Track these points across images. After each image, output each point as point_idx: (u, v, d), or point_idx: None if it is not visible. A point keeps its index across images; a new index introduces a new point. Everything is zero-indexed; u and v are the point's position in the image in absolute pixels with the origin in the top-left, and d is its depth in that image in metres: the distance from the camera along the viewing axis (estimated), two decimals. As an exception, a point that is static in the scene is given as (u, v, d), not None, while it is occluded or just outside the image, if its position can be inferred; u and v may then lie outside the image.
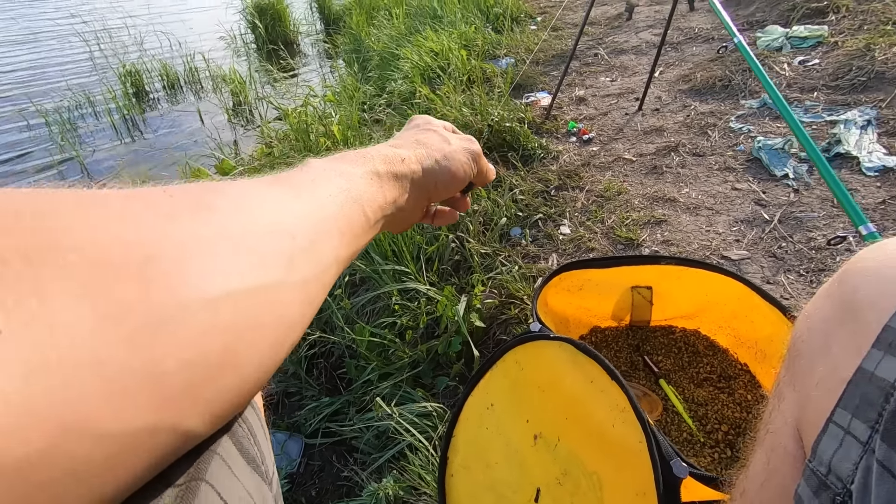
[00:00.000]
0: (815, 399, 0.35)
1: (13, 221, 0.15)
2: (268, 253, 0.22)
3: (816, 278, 1.21)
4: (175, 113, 4.30)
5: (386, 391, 1.32)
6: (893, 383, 0.29)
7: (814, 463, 0.34)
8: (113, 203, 0.18)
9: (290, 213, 0.25)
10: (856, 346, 0.32)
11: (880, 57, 1.91)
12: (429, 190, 0.40)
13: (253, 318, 0.20)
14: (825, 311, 0.38)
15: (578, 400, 0.76)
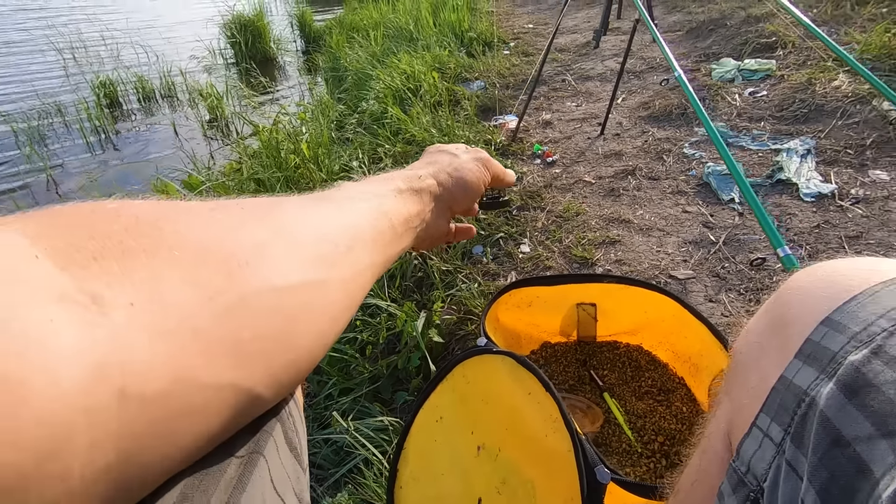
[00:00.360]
0: (746, 406, 0.38)
1: (135, 224, 0.20)
2: (316, 256, 0.27)
3: (755, 297, 1.28)
4: (149, 126, 4.27)
5: (345, 406, 1.34)
6: (806, 390, 0.31)
7: (736, 462, 0.36)
8: (202, 212, 0.24)
9: (333, 224, 0.31)
10: (783, 357, 0.35)
11: (820, 91, 2.05)
12: (448, 200, 0.46)
13: (306, 306, 0.25)
14: (761, 325, 0.40)
15: (518, 411, 0.80)
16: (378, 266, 0.34)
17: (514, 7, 5.17)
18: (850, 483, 0.26)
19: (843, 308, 0.32)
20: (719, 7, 3.29)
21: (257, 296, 0.23)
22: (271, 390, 0.24)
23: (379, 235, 0.34)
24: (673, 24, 3.50)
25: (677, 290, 1.34)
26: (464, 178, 0.46)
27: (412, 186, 0.42)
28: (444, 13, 4.14)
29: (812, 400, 0.30)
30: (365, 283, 0.32)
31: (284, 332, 0.24)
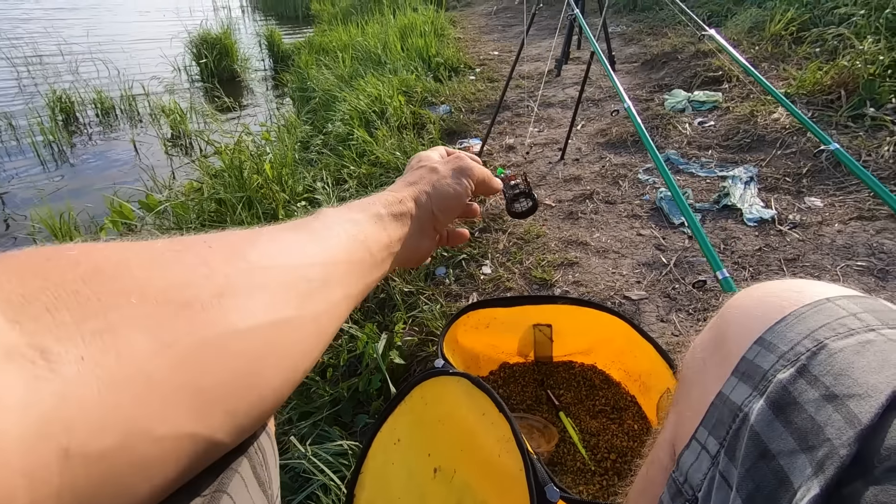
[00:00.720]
0: (688, 419, 0.40)
1: (93, 272, 0.20)
2: (286, 294, 0.27)
3: (702, 316, 1.34)
4: (107, 143, 4.15)
5: (304, 430, 1.31)
6: (740, 406, 0.32)
7: (676, 473, 0.38)
8: (167, 255, 0.24)
9: (306, 258, 0.30)
10: (722, 373, 0.36)
11: (761, 122, 2.19)
12: (430, 219, 0.45)
13: (273, 347, 0.25)
14: (705, 341, 0.42)
15: (472, 432, 0.81)
16: (355, 296, 0.35)
17: (481, 34, 5.33)
18: (772, 493, 0.28)
19: (773, 328, 0.34)
20: (671, 41, 3.49)
21: (219, 340, 0.22)
22: (233, 435, 0.24)
23: (357, 265, 0.34)
24: (630, 56, 3.69)
25: (631, 310, 1.40)
26: (443, 195, 0.46)
27: (392, 211, 0.41)
28: (412, 38, 4.23)
29: (745, 415, 0.32)
30: (340, 314, 0.32)
31: (248, 375, 0.24)
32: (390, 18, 5.19)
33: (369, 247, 0.37)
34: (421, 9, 5.55)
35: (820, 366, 0.30)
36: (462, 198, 0.47)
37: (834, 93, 2.19)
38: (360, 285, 0.35)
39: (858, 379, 0.28)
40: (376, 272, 0.38)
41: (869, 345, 0.29)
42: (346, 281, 0.33)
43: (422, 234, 0.45)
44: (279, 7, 10.41)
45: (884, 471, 0.25)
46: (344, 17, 6.61)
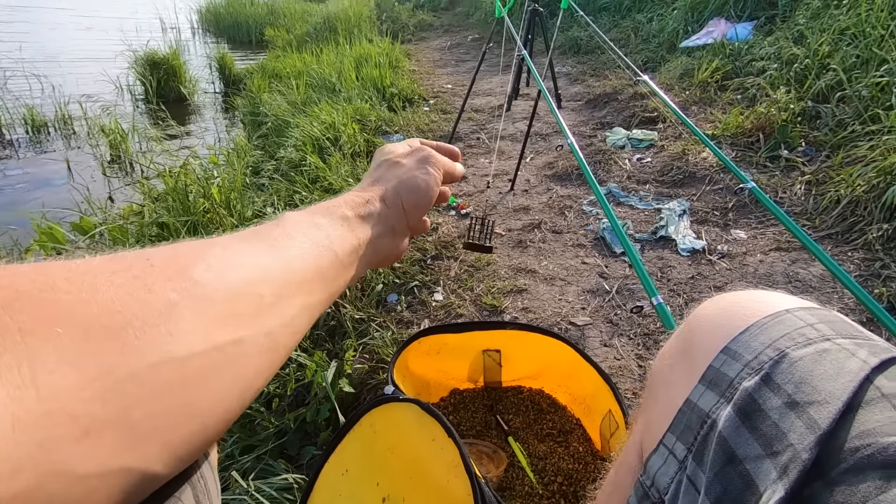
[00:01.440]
0: (655, 423, 0.40)
1: (14, 297, 0.18)
2: (234, 312, 0.25)
3: (642, 341, 1.41)
4: (38, 163, 3.90)
5: (247, 465, 1.26)
6: (708, 412, 0.33)
7: (643, 476, 0.39)
8: (101, 276, 0.21)
9: (259, 270, 0.29)
10: (689, 380, 0.37)
11: (692, 160, 2.38)
12: (401, 217, 0.43)
13: (216, 372, 0.24)
14: (673, 349, 0.43)
15: (422, 459, 0.81)
16: (318, 304, 0.33)
17: (435, 67, 5.49)
18: (739, 496, 0.30)
19: (738, 338, 0.35)
20: (612, 83, 3.74)
21: (153, 370, 0.21)
22: (172, 466, 0.22)
23: (321, 272, 0.33)
24: (575, 95, 3.91)
25: (577, 335, 1.45)
26: (412, 190, 0.43)
27: (359, 213, 0.40)
28: (367, 68, 4.30)
29: (713, 422, 0.33)
30: (300, 325, 0.31)
31: (187, 404, 0.22)
32: (346, 48, 5.26)
33: (335, 251, 0.35)
34: (376, 40, 5.67)
35: (782, 374, 0.32)
36: (431, 189, 0.44)
37: (753, 135, 2.41)
38: (325, 292, 0.34)
39: (817, 386, 0.30)
40: (344, 276, 0.37)
41: (825, 353, 0.31)
42: (308, 290, 0.32)
43: (393, 232, 0.43)
44: (232, 31, 10.30)
45: (840, 472, 0.26)
46: (299, 45, 6.63)
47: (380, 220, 0.41)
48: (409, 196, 0.43)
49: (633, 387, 1.28)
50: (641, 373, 1.32)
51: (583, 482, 0.99)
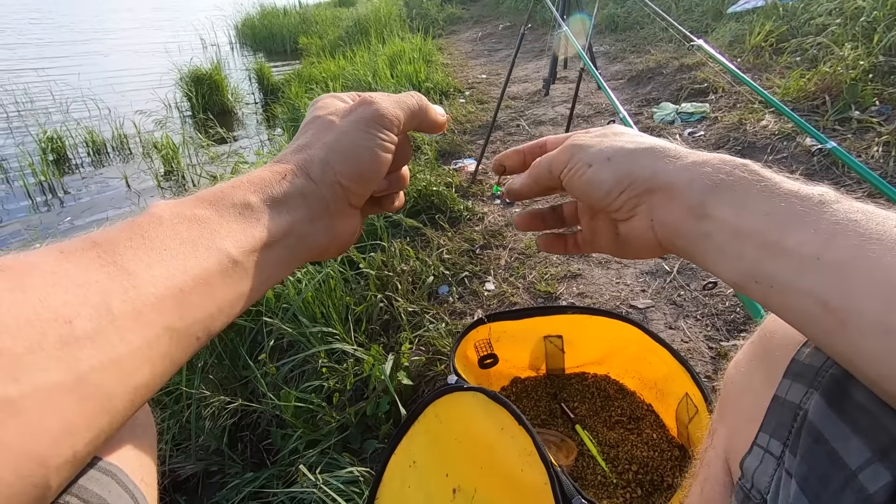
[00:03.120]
0: (743, 429, 0.40)
1: None
2: (14, 351, 0.19)
3: (711, 322, 1.33)
4: (100, 180, 4.15)
5: (313, 459, 1.27)
6: (799, 404, 0.33)
7: (742, 480, 0.38)
8: None
9: (74, 290, 0.22)
10: (772, 378, 0.37)
11: (750, 130, 2.23)
12: (337, 195, 0.34)
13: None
14: (748, 356, 0.43)
15: (492, 448, 0.78)
16: (198, 324, 0.26)
17: (468, 59, 5.44)
18: (825, 474, 0.28)
19: None
20: (655, 58, 3.58)
21: None
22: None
23: (200, 282, 0.26)
24: (615, 73, 3.77)
25: (638, 319, 1.38)
26: (347, 159, 0.34)
27: (270, 194, 0.31)
28: (401, 65, 4.31)
29: (805, 412, 0.32)
30: (158, 356, 0.24)
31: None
32: (378, 47, 5.30)
33: (227, 251, 0.28)
34: (408, 37, 5.68)
35: None
36: (377, 155, 0.34)
37: (818, 98, 2.24)
38: (211, 306, 0.27)
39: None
40: (247, 282, 0.29)
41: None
42: (171, 307, 0.25)
43: (328, 214, 0.34)
44: (268, 42, 10.60)
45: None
46: (332, 49, 6.74)
47: (305, 201, 0.33)
48: (344, 167, 0.34)
49: (704, 370, 1.21)
50: (713, 355, 1.24)
51: (659, 470, 0.93)
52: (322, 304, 1.53)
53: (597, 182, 0.35)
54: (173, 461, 1.50)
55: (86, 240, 0.25)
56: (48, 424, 0.19)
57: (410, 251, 1.77)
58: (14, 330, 0.19)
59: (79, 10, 20.35)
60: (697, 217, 0.31)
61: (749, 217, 0.29)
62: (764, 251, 0.28)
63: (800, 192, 0.29)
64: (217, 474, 1.52)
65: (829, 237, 0.26)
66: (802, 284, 0.27)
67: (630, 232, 0.37)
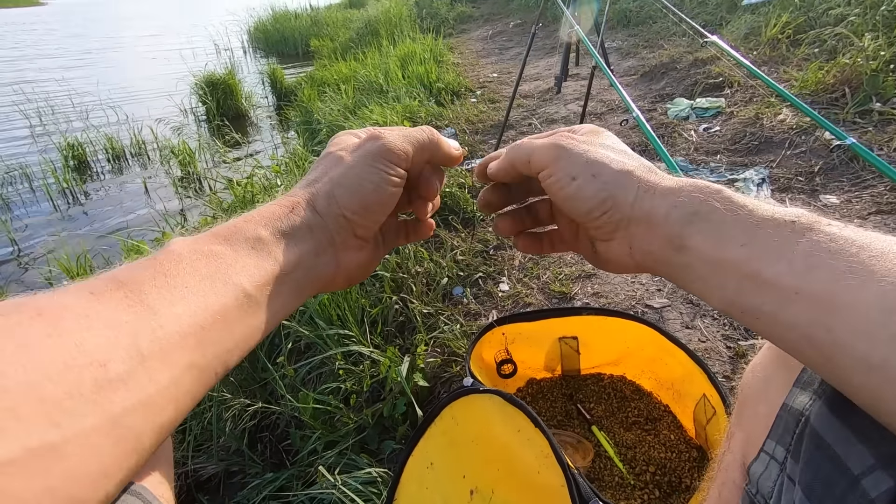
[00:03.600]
0: (756, 435, 0.40)
1: None
2: (55, 397, 0.20)
3: (728, 321, 1.32)
4: (119, 185, 4.24)
5: (331, 460, 1.29)
6: (802, 411, 0.33)
7: (748, 486, 0.38)
8: None
9: (107, 332, 0.23)
10: (787, 386, 0.37)
11: (767, 124, 2.20)
12: (342, 227, 0.35)
13: (21, 489, 0.18)
14: (766, 360, 0.43)
15: (508, 450, 0.79)
16: (217, 359, 0.27)
17: (479, 58, 5.43)
18: (828, 478, 0.28)
19: None
20: (668, 52, 3.54)
21: None
22: None
23: (218, 317, 0.27)
24: (628, 69, 3.73)
25: (654, 318, 1.37)
26: (352, 193, 0.35)
27: (279, 228, 0.32)
28: (412, 66, 4.32)
29: (807, 419, 0.32)
30: (182, 393, 0.25)
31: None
32: (389, 49, 5.32)
33: (242, 286, 0.29)
34: (419, 37, 5.69)
35: None
36: (383, 189, 0.35)
37: (838, 90, 2.19)
38: (229, 341, 0.28)
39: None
40: (259, 316, 0.30)
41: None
42: (195, 344, 0.26)
43: (332, 247, 0.35)
44: (280, 46, 10.70)
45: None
46: (343, 51, 6.78)
47: (311, 234, 0.34)
48: (349, 200, 0.34)
49: (722, 370, 1.20)
50: (731, 355, 1.23)
51: (677, 471, 0.93)
52: (338, 307, 1.55)
53: (579, 199, 0.34)
54: (196, 461, 1.54)
55: (112, 279, 0.26)
56: (88, 469, 0.20)
57: (424, 253, 1.78)
58: (54, 376, 0.20)
59: (92, 20, 20.77)
60: (676, 248, 0.32)
61: (726, 248, 0.29)
62: (745, 283, 0.28)
63: (773, 220, 0.29)
64: (238, 474, 1.55)
65: (804, 270, 0.26)
66: (786, 317, 0.27)
67: (608, 252, 0.37)
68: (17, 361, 0.20)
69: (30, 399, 0.19)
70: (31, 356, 0.20)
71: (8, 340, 0.20)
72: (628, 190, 0.33)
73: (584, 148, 0.35)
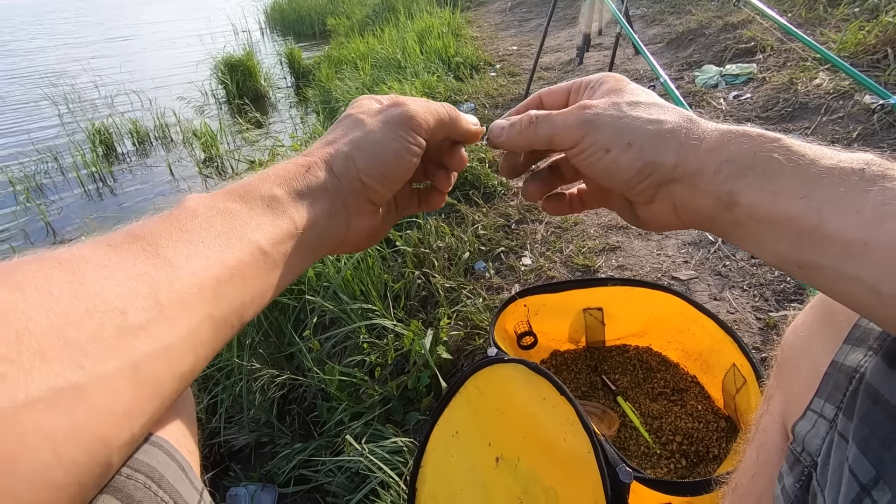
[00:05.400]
0: (798, 395, 0.39)
1: None
2: (78, 341, 0.20)
3: (758, 292, 1.28)
4: (145, 169, 4.33)
5: (357, 431, 1.32)
6: (856, 368, 0.32)
7: (793, 444, 0.38)
8: None
9: (126, 282, 0.23)
10: (832, 345, 0.36)
11: (802, 90, 2.10)
12: (357, 191, 0.35)
13: (50, 426, 0.19)
14: (809, 320, 0.42)
15: (534, 418, 0.79)
16: (234, 313, 0.28)
17: (497, 31, 5.31)
18: (887, 435, 0.27)
19: None
20: (696, 17, 3.39)
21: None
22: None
23: (234, 272, 0.27)
24: (653, 37, 3.60)
25: (682, 290, 1.35)
26: (370, 157, 0.34)
27: (295, 187, 0.32)
28: (430, 41, 4.25)
29: (862, 376, 0.31)
30: (197, 342, 0.25)
31: (25, 463, 0.18)
32: (407, 24, 5.23)
33: (258, 243, 0.29)
34: (436, 12, 5.58)
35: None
36: (403, 157, 0.35)
37: (879, 52, 2.08)
38: (245, 295, 0.28)
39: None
40: (275, 273, 0.30)
41: None
42: (212, 296, 0.26)
43: (346, 210, 0.35)
44: (297, 26, 10.64)
45: None
46: (360, 29, 6.70)
47: (326, 194, 0.33)
48: (367, 164, 0.34)
49: (752, 341, 1.17)
50: (761, 326, 1.20)
51: (705, 441, 0.92)
52: (361, 282, 1.57)
53: (616, 170, 0.32)
54: (227, 432, 1.59)
55: (129, 233, 0.26)
56: (111, 408, 0.21)
57: (446, 228, 1.78)
58: (76, 321, 0.21)
59: (110, 7, 20.94)
60: (726, 206, 0.30)
61: (783, 202, 0.27)
62: (803, 237, 0.27)
63: (839, 169, 0.27)
64: (268, 445, 1.60)
65: (875, 220, 0.24)
66: (850, 271, 0.25)
67: (649, 213, 0.35)
68: (41, 306, 0.20)
69: (55, 342, 0.20)
70: (54, 301, 0.21)
71: (31, 287, 0.21)
72: (669, 152, 0.31)
73: (611, 115, 0.33)
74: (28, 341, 0.19)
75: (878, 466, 0.27)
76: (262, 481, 1.47)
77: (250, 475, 1.51)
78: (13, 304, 0.20)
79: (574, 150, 0.34)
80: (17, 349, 0.19)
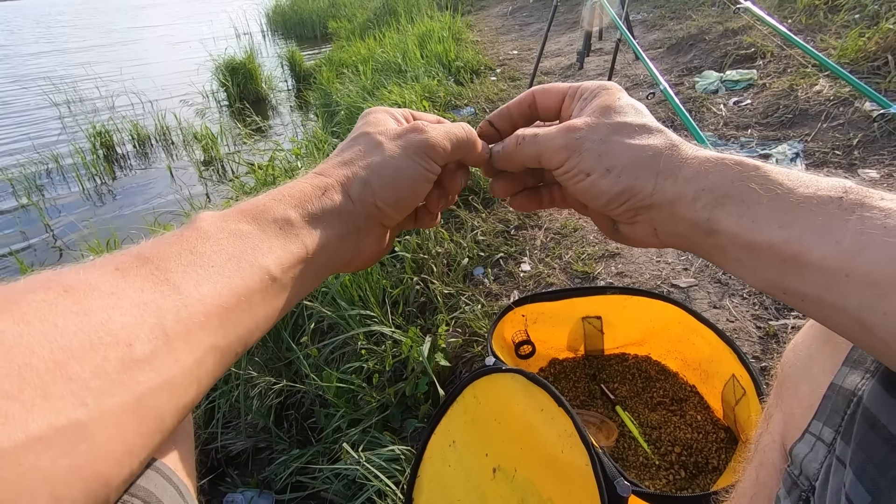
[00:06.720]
0: (798, 415, 0.39)
1: None
2: (81, 376, 0.20)
3: (759, 300, 1.28)
4: (145, 171, 4.33)
5: (355, 437, 1.31)
6: (854, 391, 0.32)
7: (790, 467, 0.37)
8: None
9: (132, 311, 0.22)
10: (832, 365, 0.35)
11: (802, 96, 2.10)
12: (371, 215, 0.35)
13: (49, 467, 0.18)
14: (809, 338, 0.41)
15: (531, 428, 0.79)
16: (239, 341, 0.27)
17: (498, 35, 5.32)
18: (883, 461, 0.27)
19: None
20: (697, 23, 3.39)
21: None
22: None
23: (242, 298, 0.27)
24: (653, 42, 3.60)
25: (680, 298, 1.34)
26: (388, 183, 0.34)
27: (309, 210, 0.31)
28: (431, 45, 4.26)
29: (859, 399, 0.31)
30: (202, 373, 0.25)
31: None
32: (407, 28, 5.24)
33: (267, 268, 0.28)
34: (437, 15, 5.59)
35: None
36: (419, 184, 0.35)
37: (880, 59, 2.07)
38: (251, 322, 0.27)
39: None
40: (282, 297, 0.30)
41: None
42: (218, 325, 0.25)
43: (357, 234, 0.34)
44: (298, 28, 10.67)
45: None
46: (361, 32, 6.72)
47: (340, 218, 0.33)
48: (384, 191, 0.34)
49: (752, 350, 1.17)
50: (761, 335, 1.20)
51: (704, 452, 0.91)
52: (359, 288, 1.56)
53: (595, 193, 0.33)
54: (225, 438, 1.58)
55: (138, 256, 0.25)
56: (113, 446, 0.20)
57: (445, 233, 1.77)
58: (80, 355, 0.20)
59: (108, 10, 20.97)
60: (706, 232, 0.30)
61: (762, 231, 0.27)
62: (786, 265, 0.27)
63: (817, 197, 0.27)
64: (265, 450, 1.59)
65: (855, 251, 0.24)
66: (834, 300, 0.25)
67: (631, 231, 0.35)
68: (45, 339, 0.20)
69: (57, 378, 0.19)
70: (58, 334, 0.20)
71: (35, 318, 0.20)
72: (646, 178, 0.32)
73: (593, 139, 0.33)
74: (30, 377, 0.19)
75: (873, 493, 0.27)
76: (258, 487, 1.47)
77: (247, 481, 1.51)
78: (17, 338, 0.19)
79: (559, 171, 0.35)
80: (20, 385, 0.18)
